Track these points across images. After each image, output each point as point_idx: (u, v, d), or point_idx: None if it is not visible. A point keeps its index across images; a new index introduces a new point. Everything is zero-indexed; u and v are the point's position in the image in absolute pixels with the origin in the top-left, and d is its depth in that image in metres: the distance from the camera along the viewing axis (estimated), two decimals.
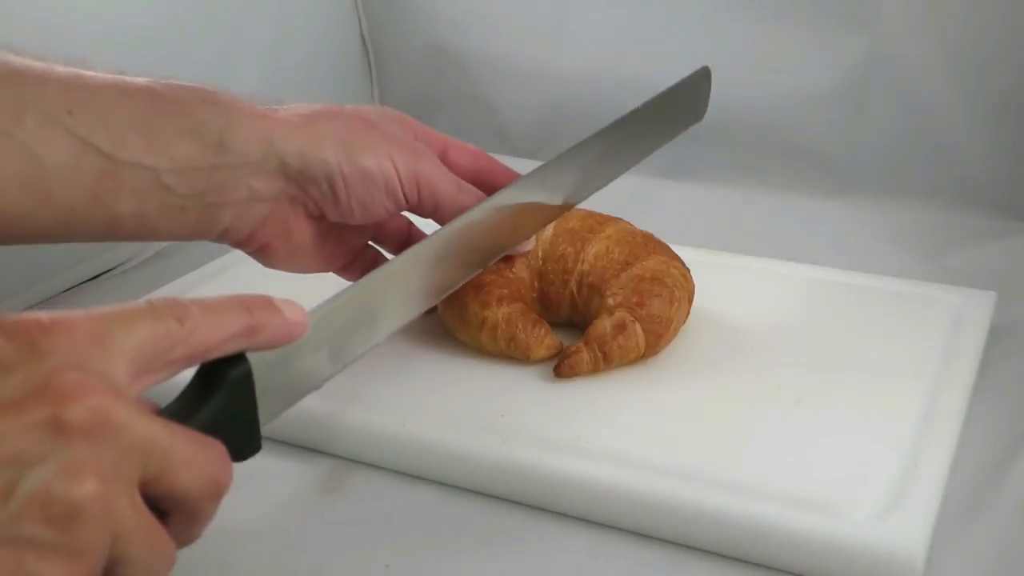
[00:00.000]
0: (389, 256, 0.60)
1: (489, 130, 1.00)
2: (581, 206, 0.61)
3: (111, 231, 0.48)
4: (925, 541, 0.45)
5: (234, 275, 0.71)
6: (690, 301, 0.60)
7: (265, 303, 0.41)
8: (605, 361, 0.57)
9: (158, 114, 0.47)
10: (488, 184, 0.57)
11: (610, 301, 0.58)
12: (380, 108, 0.57)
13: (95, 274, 0.78)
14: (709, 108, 0.67)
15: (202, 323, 0.38)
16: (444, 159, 0.57)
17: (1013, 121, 0.81)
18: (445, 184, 0.54)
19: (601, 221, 0.62)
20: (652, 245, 0.61)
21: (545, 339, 0.58)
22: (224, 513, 0.51)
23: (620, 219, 0.63)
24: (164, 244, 0.83)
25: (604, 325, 0.57)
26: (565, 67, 0.96)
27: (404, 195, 0.53)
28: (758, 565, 0.47)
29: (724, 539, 0.47)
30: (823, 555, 0.45)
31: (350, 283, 0.49)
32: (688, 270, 0.61)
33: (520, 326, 0.58)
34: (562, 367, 0.57)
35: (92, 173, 0.46)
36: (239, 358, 0.40)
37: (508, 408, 0.55)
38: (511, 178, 0.58)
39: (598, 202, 0.61)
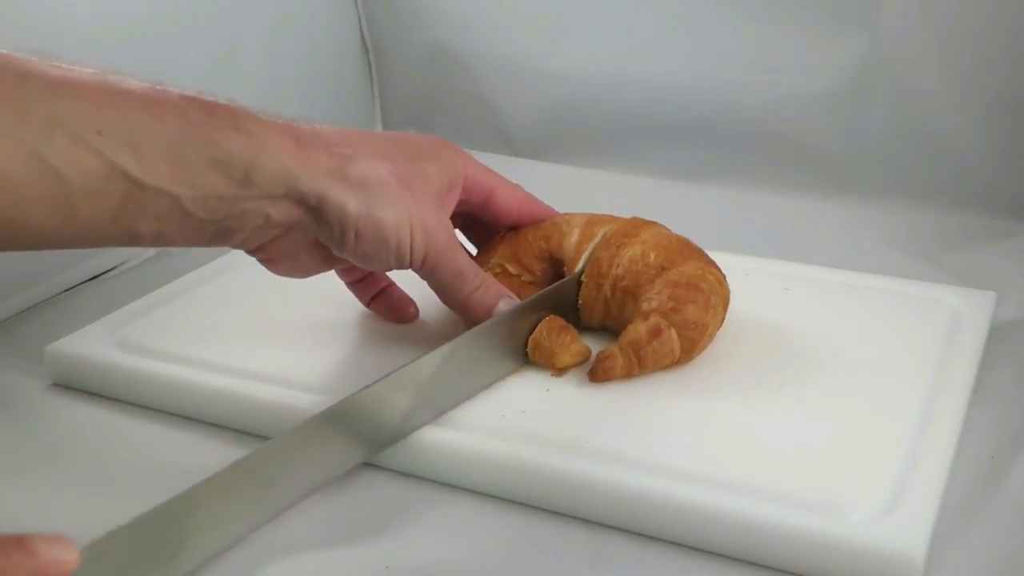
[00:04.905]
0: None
1: (489, 130, 1.00)
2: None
3: (129, 243, 0.49)
4: (925, 541, 0.45)
5: (234, 275, 0.71)
6: (725, 307, 0.60)
7: (10, 540, 0.34)
8: (639, 366, 0.56)
9: (188, 141, 0.47)
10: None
11: (645, 306, 0.58)
12: (433, 140, 0.57)
13: (95, 274, 0.78)
14: (709, 108, 0.67)
15: None
16: (491, 200, 0.59)
17: (1013, 121, 0.81)
18: (451, 265, 0.55)
19: (638, 225, 0.62)
20: (688, 250, 0.61)
21: (571, 346, 0.58)
22: None
23: (656, 223, 0.62)
24: None
25: (639, 330, 0.57)
26: (566, 67, 0.96)
27: (410, 260, 0.54)
28: (758, 565, 0.46)
29: (724, 539, 0.47)
30: (823, 555, 0.45)
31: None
32: (724, 276, 0.60)
33: (545, 333, 0.58)
34: (596, 371, 0.56)
35: (117, 195, 0.46)
36: None
37: (508, 408, 0.55)
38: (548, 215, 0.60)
39: (594, 203, 0.61)
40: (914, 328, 0.62)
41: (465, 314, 0.57)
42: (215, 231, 0.50)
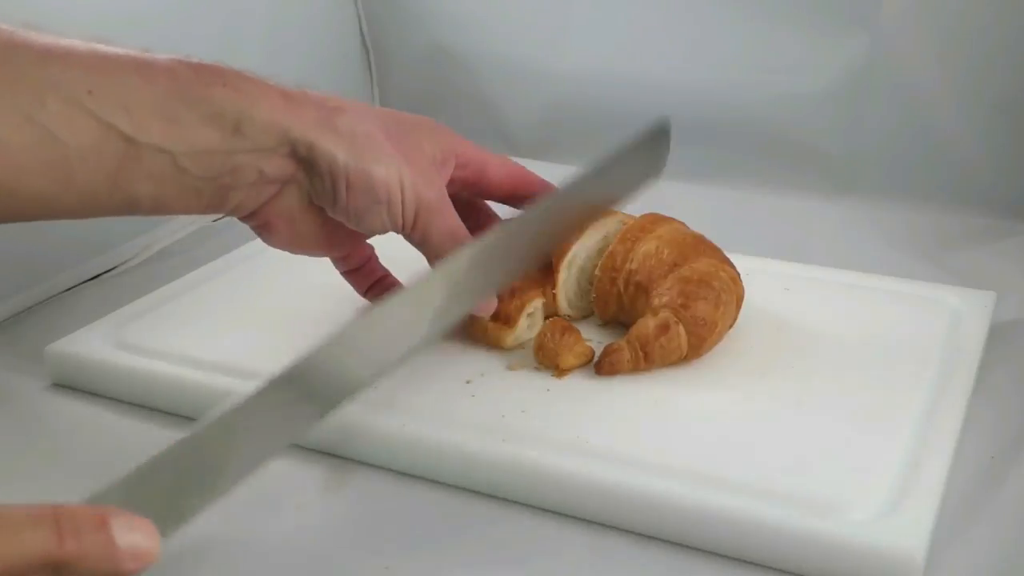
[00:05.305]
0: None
1: (490, 129, 1.00)
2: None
3: (129, 210, 0.49)
4: (925, 541, 0.45)
5: (234, 275, 0.71)
6: (738, 305, 0.60)
7: (89, 520, 0.31)
8: (646, 361, 0.56)
9: (179, 99, 0.47)
10: (527, 199, 0.58)
11: (656, 301, 0.58)
12: (420, 117, 0.57)
13: (95, 274, 0.78)
14: (709, 108, 0.67)
15: None
16: (484, 175, 0.58)
17: (1013, 121, 0.81)
18: (443, 223, 0.54)
19: (654, 221, 0.62)
20: (703, 247, 0.61)
21: (575, 347, 0.58)
22: (223, 513, 0.51)
23: (674, 219, 0.63)
24: (164, 244, 0.83)
25: (647, 325, 0.57)
26: (566, 67, 0.96)
27: (402, 217, 0.53)
28: (758, 565, 0.46)
29: (724, 539, 0.47)
30: (823, 555, 0.45)
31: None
32: (738, 274, 0.61)
33: (549, 334, 0.58)
34: (603, 364, 0.56)
35: (113, 156, 0.46)
36: None
37: (508, 408, 0.55)
38: (543, 188, 0.58)
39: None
40: (914, 328, 0.62)
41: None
42: (211, 193, 0.50)
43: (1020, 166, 0.82)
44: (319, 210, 0.54)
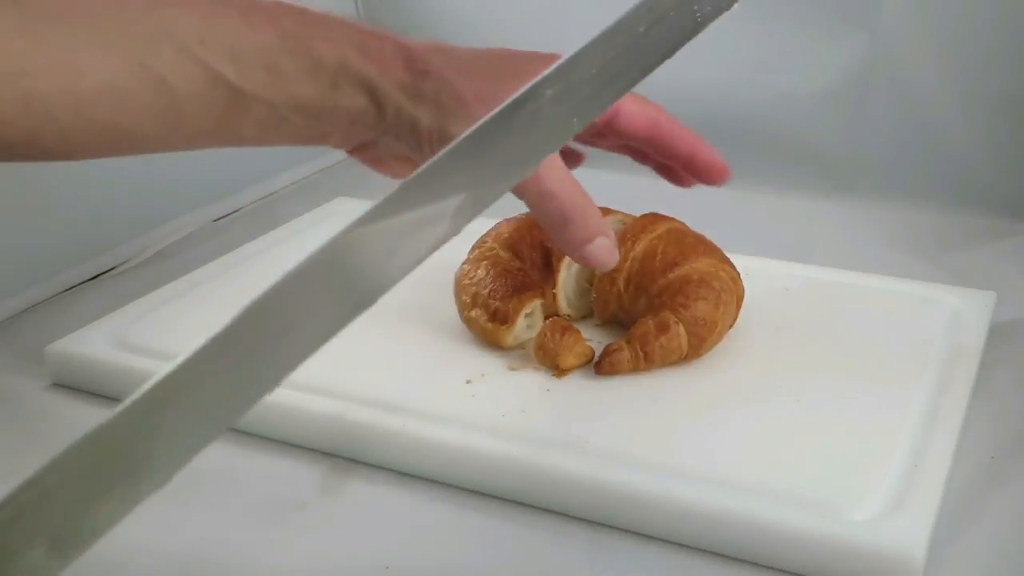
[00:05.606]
0: None
1: None
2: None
3: (233, 144, 0.51)
4: (925, 541, 0.45)
5: (234, 275, 0.71)
6: (738, 306, 0.60)
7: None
8: (646, 360, 0.56)
9: (282, 50, 0.48)
10: (665, 151, 0.55)
11: (656, 301, 0.58)
12: (534, 54, 0.54)
13: (95, 274, 0.78)
14: (709, 108, 0.67)
15: None
16: (616, 123, 0.55)
17: (1012, 121, 0.82)
18: (534, 189, 0.50)
19: (653, 220, 0.62)
20: (703, 247, 0.61)
21: (575, 347, 0.58)
22: (224, 513, 0.51)
23: (674, 219, 0.63)
24: (164, 244, 0.83)
25: (648, 325, 0.57)
26: None
27: None
28: (758, 565, 0.46)
29: (724, 539, 0.47)
30: (823, 555, 0.45)
31: None
32: (738, 274, 0.61)
33: (549, 334, 0.58)
34: (603, 364, 0.56)
35: (220, 102, 0.47)
36: None
37: (508, 408, 0.55)
38: (690, 144, 0.55)
39: (594, 202, 0.61)
40: (914, 328, 0.62)
41: (559, 245, 0.52)
42: (311, 134, 0.51)
43: (1020, 166, 0.82)
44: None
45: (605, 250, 0.51)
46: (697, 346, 0.57)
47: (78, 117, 0.45)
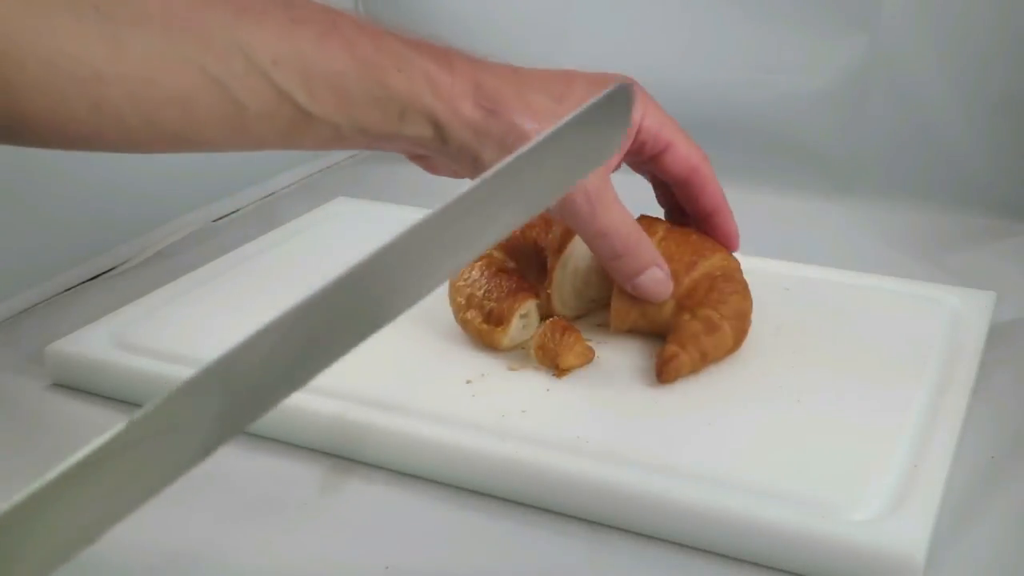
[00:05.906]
0: None
1: None
2: None
3: (292, 149, 0.52)
4: (925, 541, 0.45)
5: (234, 275, 0.71)
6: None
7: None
8: (703, 360, 0.57)
9: (354, 78, 0.49)
10: (690, 199, 0.58)
11: (686, 302, 0.58)
12: (606, 80, 0.56)
13: (95, 274, 0.78)
14: (709, 108, 0.67)
15: None
16: (663, 156, 0.57)
17: (1012, 121, 0.82)
18: (589, 229, 0.54)
19: (649, 224, 0.61)
20: (709, 242, 0.61)
21: (575, 347, 0.58)
22: (224, 513, 0.51)
23: (659, 218, 0.62)
24: (164, 244, 0.83)
25: (695, 326, 0.57)
26: (566, 67, 0.96)
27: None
28: (758, 565, 0.46)
29: (724, 539, 0.47)
30: (823, 555, 0.45)
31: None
32: (738, 264, 0.61)
33: (549, 334, 0.58)
34: (665, 372, 0.56)
35: (286, 120, 0.49)
36: None
37: (508, 408, 0.55)
38: (716, 203, 0.58)
39: None
40: (914, 328, 0.62)
41: (615, 278, 0.57)
42: (369, 147, 0.53)
43: (1020, 166, 0.82)
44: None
45: (655, 281, 0.56)
46: (740, 339, 0.58)
47: (146, 122, 0.47)
